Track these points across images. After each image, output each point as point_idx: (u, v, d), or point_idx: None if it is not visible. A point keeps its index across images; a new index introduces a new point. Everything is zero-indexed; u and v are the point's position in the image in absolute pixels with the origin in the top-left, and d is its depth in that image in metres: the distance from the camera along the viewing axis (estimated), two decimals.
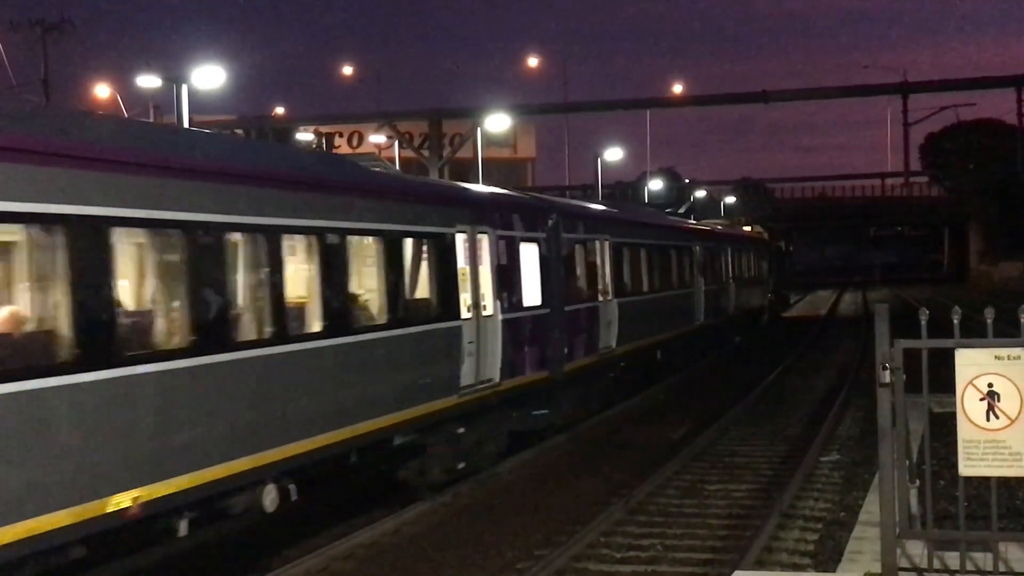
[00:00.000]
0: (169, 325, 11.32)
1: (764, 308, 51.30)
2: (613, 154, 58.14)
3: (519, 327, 19.34)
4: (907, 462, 9.62)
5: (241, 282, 12.39)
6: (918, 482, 9.99)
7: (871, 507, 12.91)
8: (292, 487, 12.92)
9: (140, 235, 11.06)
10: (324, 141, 69.90)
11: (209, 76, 30.55)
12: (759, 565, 12.94)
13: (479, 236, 17.95)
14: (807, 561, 13.20)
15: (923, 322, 9.35)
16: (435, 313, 16.50)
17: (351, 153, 78.65)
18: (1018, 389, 9.04)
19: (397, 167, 34.44)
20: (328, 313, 13.65)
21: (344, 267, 14.11)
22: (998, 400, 9.04)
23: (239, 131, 67.77)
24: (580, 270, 23.39)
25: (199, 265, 11.46)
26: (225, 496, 12.01)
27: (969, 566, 9.52)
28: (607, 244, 25.10)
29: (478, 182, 33.59)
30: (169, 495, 10.85)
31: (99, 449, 10.05)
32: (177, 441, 10.96)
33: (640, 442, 21.87)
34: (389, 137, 62.04)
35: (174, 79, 25.54)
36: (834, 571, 11.34)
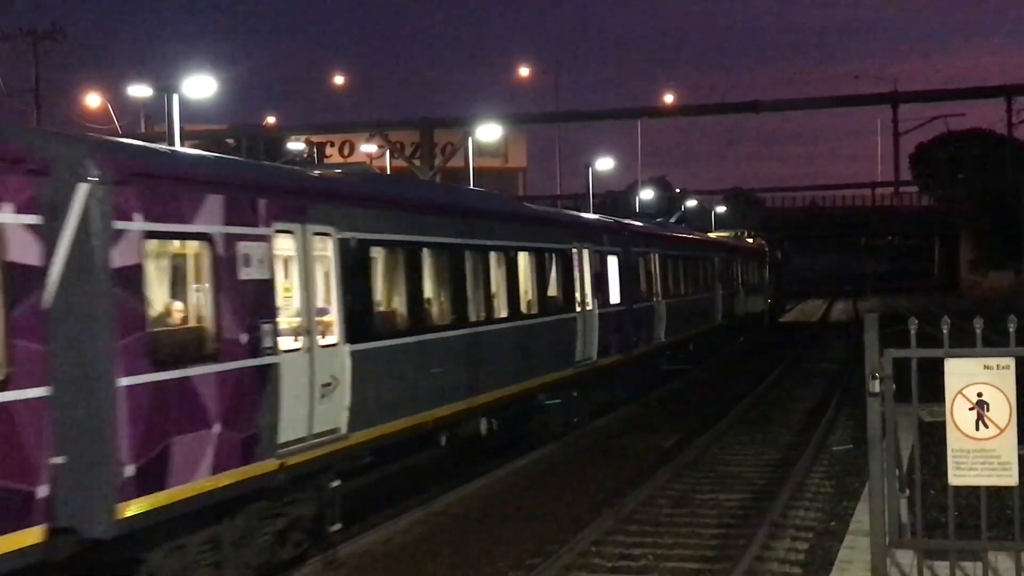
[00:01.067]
0: (440, 309, 17.29)
1: (765, 312, 56.54)
2: (604, 163, 58.15)
3: (608, 320, 25.28)
4: (897, 471, 9.66)
5: (477, 283, 18.45)
6: (908, 491, 10.02)
7: (861, 516, 12.94)
8: (494, 421, 19.00)
9: (429, 252, 16.86)
10: (315, 150, 69.84)
11: (200, 85, 30.53)
12: (750, 574, 12.97)
13: (584, 251, 24.10)
14: (797, 570, 13.22)
15: (913, 332, 9.39)
16: (562, 307, 22.59)
17: (342, 163, 78.63)
18: (1007, 398, 9.08)
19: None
20: (511, 305, 19.79)
21: (516, 273, 20.21)
22: (987, 409, 9.08)
23: (230, 140, 67.70)
24: (642, 277, 29.23)
25: (466, 272, 17.97)
26: (462, 423, 17.84)
27: (959, 575, 9.55)
28: (657, 256, 30.91)
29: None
30: (445, 417, 16.81)
31: (422, 383, 15.94)
32: (422, 390, 16.05)
33: (632, 449, 21.89)
34: (380, 146, 62.02)
35: (165, 88, 25.48)
36: None
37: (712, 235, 50.24)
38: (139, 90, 35.45)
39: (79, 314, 9.95)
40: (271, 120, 78.08)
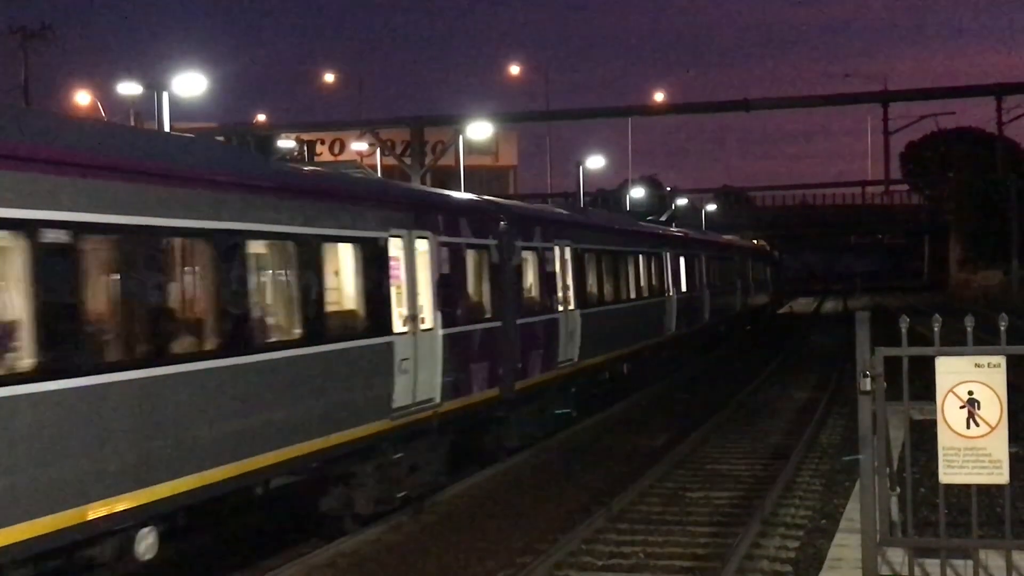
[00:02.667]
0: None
1: (768, 305, 66.35)
2: (595, 162, 58.14)
3: (687, 303, 36.98)
4: (888, 469, 9.65)
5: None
6: (899, 489, 10.03)
7: (852, 514, 12.93)
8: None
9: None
10: (306, 148, 69.70)
11: (190, 83, 30.46)
12: (740, 572, 12.96)
13: (667, 254, 34.83)
14: (788, 568, 13.21)
15: (903, 330, 9.39)
16: (655, 292, 33.06)
17: (333, 161, 78.51)
18: (998, 397, 9.08)
19: (379, 175, 34.39)
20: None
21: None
22: (978, 408, 9.08)
23: (220, 138, 67.54)
24: (696, 272, 39.37)
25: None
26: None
27: (949, 573, 9.55)
28: (704, 257, 41.95)
29: (460, 190, 33.64)
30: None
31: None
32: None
33: (621, 449, 21.89)
34: (371, 145, 61.91)
35: (155, 86, 25.42)
36: None
37: (736, 239, 60.60)
38: (129, 88, 35.33)
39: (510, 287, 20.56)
40: (261, 118, 77.88)
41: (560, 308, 23.20)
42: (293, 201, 13.81)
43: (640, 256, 31.47)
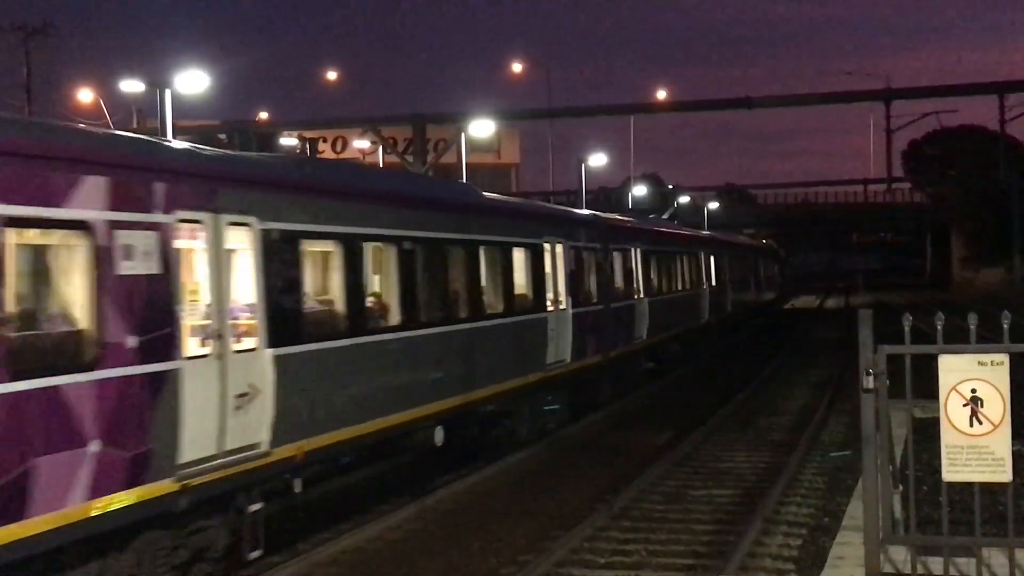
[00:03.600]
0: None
1: (777, 298, 73.38)
2: (597, 160, 58.10)
3: (716, 295, 42.75)
4: (891, 467, 9.65)
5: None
6: (901, 487, 10.03)
7: (855, 512, 12.93)
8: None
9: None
10: (308, 146, 69.67)
11: (192, 81, 30.45)
12: (742, 570, 12.96)
13: (702, 254, 40.85)
14: (790, 567, 13.21)
15: (907, 328, 9.38)
16: (695, 285, 38.31)
17: (335, 158, 78.51)
18: (1001, 395, 9.08)
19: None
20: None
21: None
22: (981, 405, 9.08)
23: (222, 136, 67.49)
24: (723, 269, 45.81)
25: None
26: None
27: (952, 571, 9.55)
28: (728, 256, 48.61)
29: None
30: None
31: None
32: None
33: (623, 447, 21.90)
34: (373, 142, 61.94)
35: (157, 84, 25.45)
36: None
37: (751, 241, 69.32)
38: (131, 85, 35.29)
39: (607, 279, 26.24)
40: (264, 116, 77.89)
41: (635, 297, 29.42)
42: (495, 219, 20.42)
43: (685, 255, 37.72)
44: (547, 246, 22.62)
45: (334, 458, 15.20)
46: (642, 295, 30.03)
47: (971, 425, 9.10)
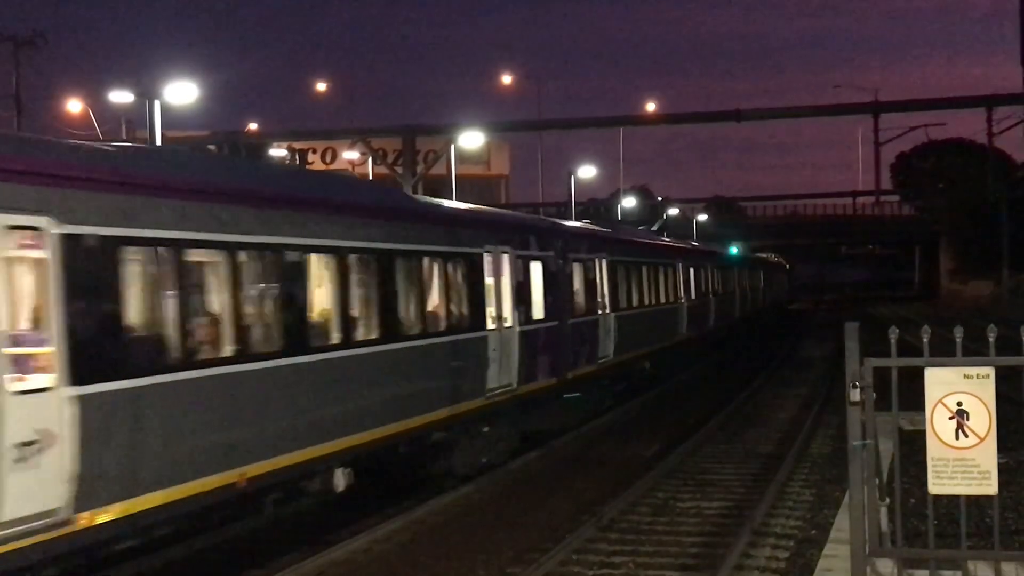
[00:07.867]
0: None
1: (782, 304, 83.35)
2: (586, 171, 58.26)
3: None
4: (877, 480, 9.66)
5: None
6: (888, 500, 10.02)
7: (842, 525, 12.94)
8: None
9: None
10: (297, 157, 69.69)
11: (182, 92, 30.40)
12: None
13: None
14: None
15: (893, 341, 9.40)
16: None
17: (324, 169, 78.46)
18: (987, 408, 9.10)
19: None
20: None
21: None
22: (967, 419, 9.10)
23: (212, 147, 67.44)
24: (736, 281, 52.43)
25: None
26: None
27: None
28: (746, 271, 58.18)
29: (451, 199, 33.69)
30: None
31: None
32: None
33: (615, 457, 21.89)
34: (363, 153, 62.01)
35: (147, 95, 25.44)
36: None
37: (762, 256, 79.88)
38: (120, 96, 35.22)
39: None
40: (253, 127, 77.85)
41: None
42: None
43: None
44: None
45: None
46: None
47: (957, 438, 9.12)
